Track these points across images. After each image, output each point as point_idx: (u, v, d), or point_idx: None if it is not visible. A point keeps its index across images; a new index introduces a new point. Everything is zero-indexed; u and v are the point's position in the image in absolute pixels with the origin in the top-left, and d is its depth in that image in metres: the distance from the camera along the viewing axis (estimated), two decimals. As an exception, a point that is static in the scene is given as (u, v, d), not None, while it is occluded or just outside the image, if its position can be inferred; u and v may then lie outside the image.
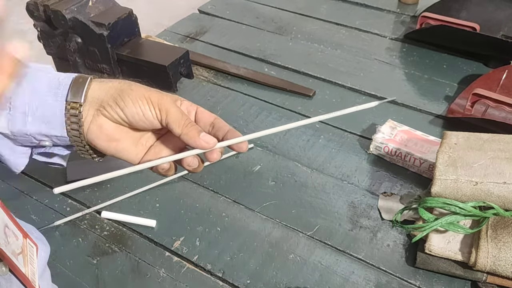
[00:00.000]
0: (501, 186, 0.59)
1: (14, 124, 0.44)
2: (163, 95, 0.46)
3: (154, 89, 0.47)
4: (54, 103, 0.45)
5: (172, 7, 2.61)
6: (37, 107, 0.45)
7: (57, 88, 0.45)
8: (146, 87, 0.46)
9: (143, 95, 0.45)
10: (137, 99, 0.44)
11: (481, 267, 0.59)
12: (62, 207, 0.74)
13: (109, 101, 0.44)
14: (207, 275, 0.65)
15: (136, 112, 0.45)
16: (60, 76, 0.46)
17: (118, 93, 0.45)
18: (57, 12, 0.86)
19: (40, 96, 0.44)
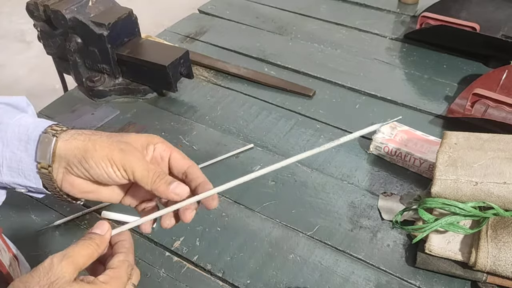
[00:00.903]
0: (501, 186, 0.59)
1: None
2: (127, 152, 0.45)
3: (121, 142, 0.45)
4: (27, 158, 0.46)
5: (172, 7, 2.61)
6: (11, 160, 0.46)
7: (27, 143, 0.45)
8: (112, 142, 0.45)
9: (106, 157, 0.44)
10: (100, 162, 0.44)
11: (481, 267, 0.59)
12: (62, 207, 0.74)
13: (74, 161, 0.45)
14: (207, 275, 0.65)
15: (101, 174, 0.45)
16: (29, 127, 0.46)
17: (82, 154, 0.44)
18: (57, 12, 0.86)
19: (11, 149, 0.46)
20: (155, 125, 0.89)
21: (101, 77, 0.94)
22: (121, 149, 0.44)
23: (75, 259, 0.40)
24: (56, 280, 0.38)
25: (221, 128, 0.88)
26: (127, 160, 0.44)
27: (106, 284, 0.40)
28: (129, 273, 0.43)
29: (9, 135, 0.45)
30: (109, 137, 0.46)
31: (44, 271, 0.39)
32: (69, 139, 0.45)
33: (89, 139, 0.45)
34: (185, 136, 0.86)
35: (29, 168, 0.46)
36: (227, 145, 0.84)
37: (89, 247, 0.42)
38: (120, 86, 0.95)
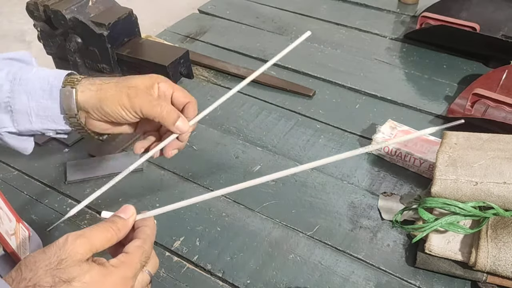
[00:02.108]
0: (501, 186, 0.59)
1: (19, 123, 0.52)
2: (134, 96, 0.51)
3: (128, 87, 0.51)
4: (53, 105, 0.51)
5: (172, 7, 2.61)
6: (38, 109, 0.51)
7: (51, 91, 0.51)
8: (121, 89, 0.51)
9: (117, 102, 0.51)
10: (113, 107, 0.51)
11: (481, 267, 0.59)
12: (62, 207, 0.74)
13: (93, 109, 0.51)
14: (207, 275, 0.65)
15: (116, 117, 0.52)
16: (49, 78, 0.52)
17: (97, 103, 0.51)
18: (57, 12, 0.86)
19: (37, 99, 0.51)
20: (155, 125, 0.89)
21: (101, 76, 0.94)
22: (128, 94, 0.51)
23: (91, 240, 0.40)
24: (66, 258, 0.38)
25: (221, 128, 0.88)
26: (135, 103, 0.51)
27: (116, 268, 0.40)
28: (143, 260, 0.42)
29: (31, 87, 0.50)
30: (117, 84, 0.51)
31: (56, 248, 0.38)
32: (84, 90, 0.51)
33: (101, 88, 0.51)
34: (185, 136, 0.86)
35: (57, 113, 0.51)
36: (227, 145, 0.84)
37: (109, 231, 0.42)
38: (120, 86, 0.95)
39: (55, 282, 0.36)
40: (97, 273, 0.38)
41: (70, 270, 0.37)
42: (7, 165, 0.81)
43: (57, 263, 0.37)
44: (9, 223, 0.48)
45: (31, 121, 0.51)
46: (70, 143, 0.84)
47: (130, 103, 0.51)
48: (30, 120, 0.51)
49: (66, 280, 0.37)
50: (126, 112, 0.51)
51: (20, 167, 0.80)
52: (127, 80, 0.53)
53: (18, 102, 0.51)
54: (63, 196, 0.76)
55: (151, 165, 0.80)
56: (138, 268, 0.42)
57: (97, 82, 0.52)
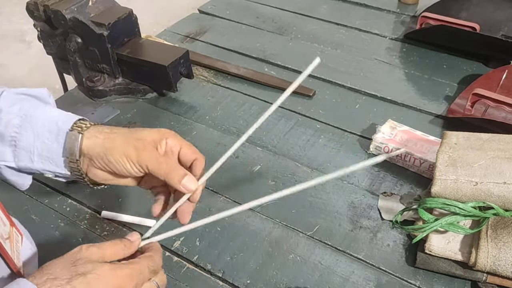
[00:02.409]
0: (501, 186, 0.59)
1: (20, 160, 0.51)
2: (141, 149, 0.49)
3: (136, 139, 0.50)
4: (58, 149, 0.51)
5: (172, 7, 2.61)
6: (42, 149, 0.51)
7: (57, 135, 0.51)
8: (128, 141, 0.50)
9: (123, 154, 0.49)
10: (118, 159, 0.49)
11: (481, 267, 0.59)
12: (62, 207, 0.74)
13: (97, 158, 0.50)
14: (207, 275, 0.65)
15: (120, 169, 0.50)
16: (58, 120, 0.51)
17: (103, 152, 0.50)
18: (57, 12, 0.86)
19: (42, 140, 0.51)
20: (155, 125, 0.89)
21: (101, 77, 0.94)
22: (135, 146, 0.49)
23: (102, 249, 0.45)
24: (81, 259, 0.43)
25: (221, 128, 0.88)
26: (141, 157, 0.49)
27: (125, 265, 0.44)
28: (151, 265, 0.46)
29: (39, 126, 0.50)
30: (125, 135, 0.50)
31: (72, 254, 0.44)
32: (91, 137, 0.50)
33: (108, 137, 0.50)
34: (185, 136, 0.86)
35: (59, 157, 0.51)
36: (227, 145, 0.84)
37: (118, 245, 0.47)
38: (120, 86, 0.95)
39: (71, 276, 0.41)
40: (108, 267, 0.43)
41: (85, 265, 0.42)
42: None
43: (73, 262, 0.43)
44: (3, 227, 0.48)
45: (32, 160, 0.51)
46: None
47: (136, 157, 0.49)
48: (32, 158, 0.51)
49: (82, 273, 0.42)
50: (131, 165, 0.50)
51: (20, 167, 0.80)
52: (135, 132, 0.51)
53: (24, 139, 0.51)
54: (63, 196, 0.76)
55: (151, 165, 0.80)
56: (145, 273, 0.46)
57: (105, 130, 0.51)
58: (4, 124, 0.50)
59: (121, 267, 0.44)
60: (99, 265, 0.43)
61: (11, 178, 0.53)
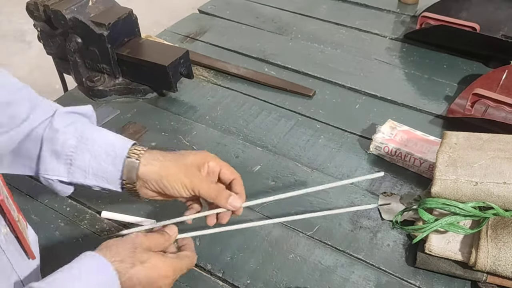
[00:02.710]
0: (501, 186, 0.59)
1: (74, 177, 0.56)
2: (193, 176, 0.57)
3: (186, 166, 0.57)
4: (114, 171, 0.56)
5: (172, 7, 2.61)
6: (97, 170, 0.55)
7: (114, 158, 0.55)
8: (180, 168, 0.56)
9: (178, 181, 0.56)
10: (174, 185, 0.56)
11: (481, 267, 0.59)
12: (62, 207, 0.74)
13: (152, 183, 0.56)
14: (207, 275, 0.65)
15: (173, 193, 0.57)
16: (115, 145, 0.56)
17: (158, 178, 0.56)
18: (57, 12, 0.86)
19: (99, 161, 0.55)
20: (155, 125, 0.89)
21: (101, 77, 0.94)
22: (186, 174, 0.56)
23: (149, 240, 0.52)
24: (138, 247, 0.50)
25: (221, 128, 0.88)
26: (194, 183, 0.56)
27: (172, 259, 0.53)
28: (189, 266, 0.55)
29: (96, 149, 0.55)
30: (176, 162, 0.57)
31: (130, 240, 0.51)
32: (147, 164, 0.56)
33: (163, 165, 0.56)
34: (185, 136, 0.86)
35: (115, 178, 0.56)
36: (227, 145, 0.84)
37: (161, 238, 0.54)
38: (120, 86, 0.95)
39: (134, 262, 0.49)
40: (160, 259, 0.51)
41: (142, 254, 0.50)
42: (7, 165, 0.81)
43: (133, 249, 0.50)
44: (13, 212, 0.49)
45: (86, 177, 0.56)
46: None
47: (189, 183, 0.56)
48: (86, 176, 0.56)
49: (141, 261, 0.49)
50: (184, 190, 0.56)
51: (20, 167, 0.80)
52: (183, 158, 0.57)
53: (80, 159, 0.55)
54: (63, 196, 0.76)
55: (151, 165, 0.80)
56: (185, 267, 0.54)
57: (160, 158, 0.56)
58: (61, 144, 0.54)
59: (170, 260, 0.52)
60: (153, 255, 0.51)
61: (57, 188, 0.57)
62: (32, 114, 0.56)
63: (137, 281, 0.49)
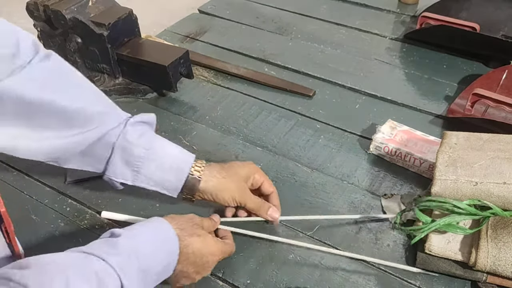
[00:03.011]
0: (501, 186, 0.59)
1: (138, 182, 0.62)
2: (243, 192, 0.65)
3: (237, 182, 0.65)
4: (175, 182, 0.63)
5: (172, 7, 2.61)
6: (161, 179, 0.62)
7: (177, 171, 0.62)
8: (232, 183, 0.65)
9: (231, 196, 0.64)
10: (226, 198, 0.64)
11: (481, 267, 0.59)
12: (62, 207, 0.74)
13: (209, 195, 0.65)
14: (207, 275, 0.65)
15: (224, 203, 0.66)
16: (179, 159, 0.63)
17: (216, 192, 0.64)
18: (57, 12, 0.86)
19: (163, 173, 0.62)
20: (155, 125, 0.89)
21: (101, 77, 0.94)
22: (238, 188, 0.65)
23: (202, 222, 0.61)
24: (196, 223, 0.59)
25: (221, 128, 0.88)
26: (243, 198, 0.65)
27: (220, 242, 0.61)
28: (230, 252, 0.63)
29: (162, 161, 0.62)
30: (231, 177, 0.65)
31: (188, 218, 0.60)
32: (207, 180, 0.63)
33: (219, 182, 0.64)
34: (185, 136, 0.86)
35: (175, 188, 0.63)
36: (227, 145, 0.84)
37: (210, 222, 0.63)
38: (120, 86, 0.95)
39: (192, 233, 0.57)
40: (212, 238, 0.60)
41: (199, 230, 0.58)
42: (7, 165, 0.81)
43: (192, 223, 0.58)
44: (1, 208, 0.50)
45: (148, 184, 0.63)
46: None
47: (239, 197, 0.65)
48: (149, 183, 0.62)
49: (198, 235, 0.57)
50: (233, 202, 0.65)
51: (20, 167, 0.80)
52: (236, 173, 0.65)
53: (146, 168, 0.61)
54: (63, 196, 0.76)
55: (151, 165, 0.80)
56: (228, 252, 0.63)
57: (217, 175, 0.64)
58: (132, 154, 0.61)
59: (219, 242, 0.61)
60: (207, 234, 0.59)
61: (117, 186, 0.63)
62: (106, 119, 0.61)
63: (191, 250, 0.56)
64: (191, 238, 0.56)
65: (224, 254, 0.61)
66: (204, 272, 0.59)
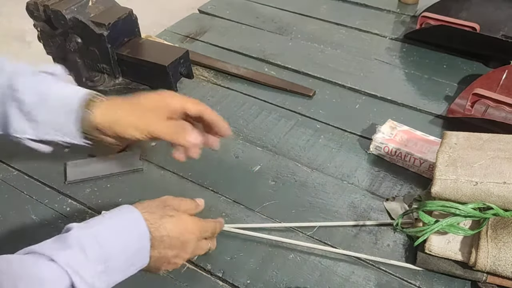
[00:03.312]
0: (501, 186, 0.59)
1: (40, 134, 0.59)
2: (147, 118, 0.58)
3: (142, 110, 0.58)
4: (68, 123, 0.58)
5: (172, 7, 2.61)
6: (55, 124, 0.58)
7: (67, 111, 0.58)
8: (135, 111, 0.58)
9: (131, 124, 0.58)
10: (126, 129, 0.58)
11: (481, 267, 0.59)
12: (62, 207, 0.74)
13: (107, 129, 0.58)
14: (207, 275, 0.65)
15: (129, 137, 0.58)
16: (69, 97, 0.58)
17: (112, 124, 0.58)
18: (57, 12, 0.86)
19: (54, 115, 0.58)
20: (155, 125, 0.89)
21: (101, 77, 0.94)
22: (139, 116, 0.58)
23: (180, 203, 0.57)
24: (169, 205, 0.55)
25: (221, 128, 0.88)
26: (149, 126, 0.57)
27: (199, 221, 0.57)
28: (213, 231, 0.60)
29: (51, 103, 0.57)
30: (130, 105, 0.59)
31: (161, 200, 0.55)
32: (103, 114, 0.58)
33: (115, 112, 0.58)
34: (185, 136, 0.86)
35: (71, 130, 0.58)
36: (227, 145, 0.84)
37: (191, 204, 0.58)
38: (120, 86, 0.95)
39: (163, 215, 0.53)
40: (187, 216, 0.56)
41: (172, 211, 0.54)
42: (7, 165, 0.81)
43: (163, 205, 0.54)
44: None
45: (49, 134, 0.59)
46: (70, 143, 0.84)
47: (143, 125, 0.58)
48: (47, 132, 0.58)
49: (170, 215, 0.53)
50: (139, 133, 0.58)
51: (20, 167, 0.80)
52: (138, 101, 0.59)
53: (41, 115, 0.58)
54: (63, 196, 0.76)
55: (151, 165, 0.80)
56: (209, 230, 0.59)
57: (115, 108, 0.59)
58: (24, 103, 0.57)
59: (196, 219, 0.57)
60: (181, 213, 0.55)
61: (34, 146, 0.60)
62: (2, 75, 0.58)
63: (164, 231, 0.52)
64: (162, 220, 0.53)
65: (205, 232, 0.58)
66: (186, 254, 0.56)
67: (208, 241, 0.60)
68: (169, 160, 0.81)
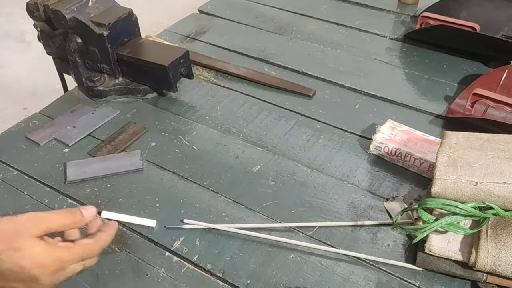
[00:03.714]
0: (501, 186, 0.59)
1: None
2: None
3: None
4: None
5: (172, 7, 2.61)
6: None
7: None
8: None
9: None
10: None
11: (481, 267, 0.59)
12: (62, 207, 0.74)
13: None
14: (207, 275, 0.65)
15: None
16: None
17: None
18: (57, 12, 0.86)
19: None
20: (155, 125, 0.89)
21: (101, 77, 0.94)
22: None
23: (47, 222, 0.50)
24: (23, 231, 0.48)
25: (221, 128, 0.88)
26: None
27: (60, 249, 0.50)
28: (86, 254, 0.52)
29: None
30: None
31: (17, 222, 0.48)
32: None
33: None
34: (185, 136, 0.86)
35: None
36: (227, 145, 0.84)
37: (67, 219, 0.52)
38: (120, 86, 0.95)
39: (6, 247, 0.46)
40: (42, 248, 0.48)
41: (22, 241, 0.47)
42: (7, 165, 0.81)
43: (16, 232, 0.47)
44: None
45: None
46: (70, 143, 0.84)
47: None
48: None
49: (16, 249, 0.47)
50: None
51: (20, 167, 0.80)
52: None
53: None
54: (63, 196, 0.76)
55: (151, 165, 0.80)
56: (76, 258, 0.51)
57: None
58: None
59: (54, 249, 0.49)
60: (36, 243, 0.48)
61: None
62: None
63: (5, 266, 0.47)
64: (3, 254, 0.46)
65: (68, 262, 0.50)
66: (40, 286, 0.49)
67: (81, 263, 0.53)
68: (169, 160, 0.81)
